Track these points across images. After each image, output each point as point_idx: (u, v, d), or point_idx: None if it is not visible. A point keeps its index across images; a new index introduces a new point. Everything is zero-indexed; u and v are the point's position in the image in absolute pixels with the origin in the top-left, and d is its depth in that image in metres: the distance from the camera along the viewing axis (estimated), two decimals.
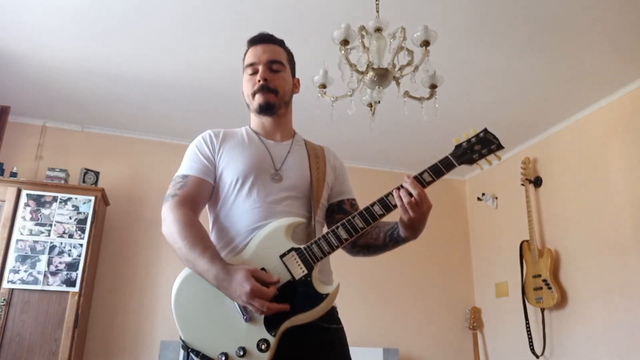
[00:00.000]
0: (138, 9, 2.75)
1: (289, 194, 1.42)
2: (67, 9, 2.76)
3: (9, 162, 3.76)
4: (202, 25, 2.87)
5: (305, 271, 1.28)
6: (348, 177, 1.63)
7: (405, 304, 4.48)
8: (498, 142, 1.42)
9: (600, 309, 3.36)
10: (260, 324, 1.25)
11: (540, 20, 2.76)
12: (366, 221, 1.32)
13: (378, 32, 2.27)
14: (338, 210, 1.54)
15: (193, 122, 3.94)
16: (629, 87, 3.33)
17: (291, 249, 1.30)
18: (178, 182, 1.44)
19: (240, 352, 1.22)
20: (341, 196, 1.56)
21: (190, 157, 1.48)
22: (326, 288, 1.29)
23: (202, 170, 1.45)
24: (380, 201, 1.33)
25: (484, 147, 1.41)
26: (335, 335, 1.39)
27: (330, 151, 1.62)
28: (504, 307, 4.24)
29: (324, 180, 1.50)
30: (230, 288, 1.22)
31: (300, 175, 1.46)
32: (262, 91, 1.49)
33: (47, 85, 3.51)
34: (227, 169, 1.44)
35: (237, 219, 1.39)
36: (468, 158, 1.40)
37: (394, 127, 3.96)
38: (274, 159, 1.47)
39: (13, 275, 3.24)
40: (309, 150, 1.55)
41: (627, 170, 3.30)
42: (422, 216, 1.32)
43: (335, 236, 1.31)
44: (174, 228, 1.33)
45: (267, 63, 1.50)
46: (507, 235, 4.26)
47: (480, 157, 1.40)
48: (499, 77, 3.31)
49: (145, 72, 3.34)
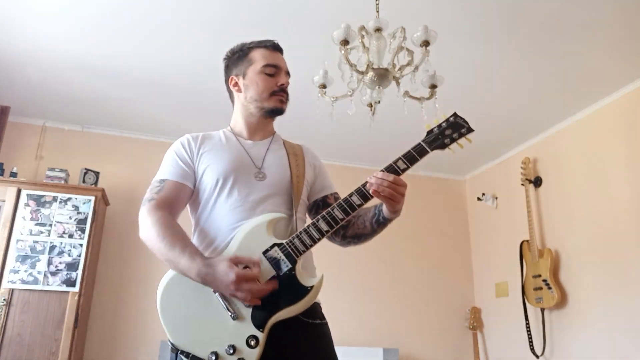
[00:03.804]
0: (138, 10, 2.75)
1: (269, 192, 1.43)
2: (68, 9, 2.75)
3: (9, 162, 3.76)
4: (203, 25, 2.87)
5: (289, 265, 1.29)
6: (328, 172, 1.66)
7: (405, 304, 4.48)
8: (468, 126, 1.42)
9: (600, 309, 3.36)
10: (247, 320, 1.26)
11: (540, 21, 2.76)
12: (345, 212, 1.34)
13: (378, 32, 2.28)
14: (323, 205, 1.56)
15: (193, 123, 3.94)
16: (629, 87, 3.33)
17: (274, 245, 1.31)
18: (156, 186, 1.45)
19: (230, 350, 1.23)
20: (324, 191, 1.59)
21: (168, 161, 1.50)
22: (310, 280, 1.31)
23: (179, 174, 1.46)
24: (357, 191, 1.35)
25: (454, 131, 1.41)
26: (320, 331, 1.40)
27: (309, 150, 1.65)
28: (504, 307, 4.24)
29: (303, 177, 1.52)
30: (216, 281, 1.23)
31: (281, 173, 1.48)
32: (282, 95, 1.53)
33: (47, 85, 3.51)
34: (207, 171, 1.45)
35: (219, 219, 1.40)
36: (440, 143, 1.40)
37: (394, 127, 3.96)
38: (253, 158, 1.49)
39: (13, 275, 3.24)
40: (287, 149, 1.57)
41: (627, 170, 3.30)
42: (402, 197, 1.35)
43: (317, 229, 1.33)
44: (152, 230, 1.34)
45: (286, 72, 1.57)
46: (507, 235, 4.26)
47: (452, 141, 1.41)
48: (499, 77, 3.31)
49: (146, 73, 3.34)
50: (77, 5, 2.73)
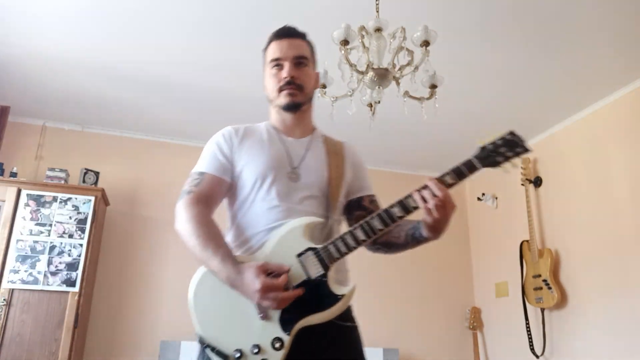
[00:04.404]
0: (138, 10, 2.75)
1: (306, 193, 1.40)
2: (68, 9, 2.76)
3: (9, 162, 3.76)
4: (202, 25, 2.87)
5: (322, 271, 1.27)
6: (367, 173, 1.60)
7: (405, 304, 4.48)
8: (524, 145, 1.34)
9: (600, 309, 3.36)
10: (275, 322, 1.25)
11: (540, 21, 2.76)
12: (384, 223, 1.30)
13: (378, 32, 2.28)
14: (357, 207, 1.52)
15: (193, 123, 3.94)
16: (629, 87, 3.33)
17: (308, 249, 1.29)
18: (195, 178, 1.43)
19: (255, 350, 1.23)
20: (360, 192, 1.54)
21: (208, 154, 1.47)
22: (342, 289, 1.28)
23: (219, 168, 1.43)
24: (399, 203, 1.30)
25: (509, 149, 1.34)
26: (351, 334, 1.38)
27: (351, 147, 1.60)
28: (504, 307, 4.24)
29: (342, 178, 1.47)
30: (243, 287, 1.23)
31: (318, 174, 1.44)
32: (288, 88, 1.45)
33: (47, 85, 3.51)
34: (247, 168, 1.43)
35: (255, 218, 1.39)
36: (492, 160, 1.34)
37: (394, 127, 3.96)
38: (292, 157, 1.45)
39: (13, 275, 3.24)
40: (327, 147, 1.52)
41: (627, 170, 3.30)
42: (446, 217, 1.30)
43: (353, 237, 1.30)
44: (187, 225, 1.33)
45: (293, 59, 1.47)
46: (507, 235, 4.26)
47: (506, 159, 1.34)
48: (499, 77, 3.31)
49: (145, 73, 3.34)
50: (77, 6, 2.73)
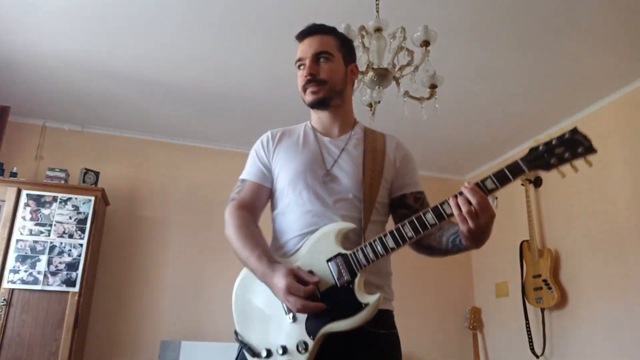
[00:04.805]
0: (138, 10, 2.75)
1: (340, 196, 1.39)
2: (68, 9, 2.76)
3: (9, 162, 3.76)
4: (202, 25, 2.87)
5: (349, 277, 1.26)
6: (414, 168, 1.53)
7: (405, 304, 4.47)
8: (589, 144, 1.13)
9: (600, 308, 3.36)
10: (302, 325, 1.26)
11: (540, 21, 2.76)
12: (416, 230, 1.24)
13: (378, 32, 2.28)
14: (401, 205, 1.47)
15: (192, 123, 3.94)
16: (629, 87, 3.33)
17: (338, 254, 1.28)
18: (238, 186, 1.50)
19: (281, 351, 1.26)
20: (403, 190, 1.48)
21: (249, 161, 1.53)
22: (367, 297, 1.24)
23: (257, 175, 1.48)
24: (434, 209, 1.23)
25: (567, 149, 1.14)
26: (383, 341, 1.34)
27: (393, 141, 1.53)
28: (504, 307, 4.24)
29: (380, 177, 1.43)
30: (272, 284, 1.26)
31: (352, 175, 1.42)
32: (309, 85, 1.45)
33: (47, 85, 3.52)
34: (281, 173, 1.45)
35: (289, 224, 1.40)
36: (544, 162, 1.16)
37: (394, 127, 3.95)
38: (327, 159, 1.45)
39: (13, 275, 3.24)
40: (366, 144, 1.49)
41: (627, 170, 3.30)
42: (483, 227, 1.19)
43: (382, 244, 1.26)
44: (230, 230, 1.40)
45: (313, 56, 1.46)
46: (507, 235, 4.26)
47: (562, 161, 1.15)
48: (499, 77, 3.31)
49: (145, 72, 3.34)
50: (77, 6, 2.73)
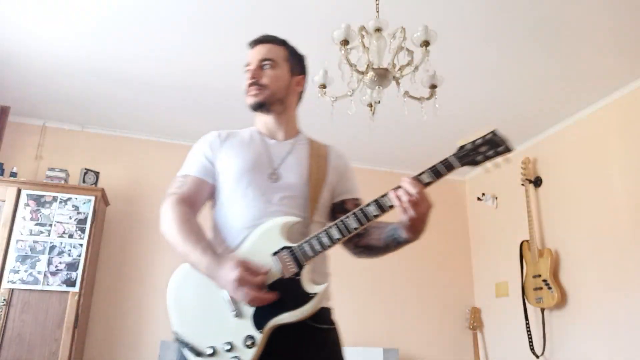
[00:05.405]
0: (138, 9, 2.75)
1: (285, 194, 1.42)
2: (68, 9, 2.76)
3: (9, 162, 3.76)
4: (201, 25, 2.87)
5: (296, 270, 1.28)
6: (354, 177, 1.61)
7: (405, 304, 4.48)
8: (506, 145, 1.32)
9: (600, 308, 3.36)
10: (248, 319, 1.26)
11: (540, 21, 2.76)
12: (359, 221, 1.30)
13: (378, 32, 2.27)
14: (340, 209, 1.52)
15: (192, 123, 3.95)
16: (629, 87, 3.33)
17: (283, 248, 1.30)
18: (178, 181, 1.48)
19: (227, 347, 1.24)
20: (343, 196, 1.55)
21: (192, 157, 1.52)
22: (314, 288, 1.28)
23: (201, 170, 1.48)
24: (375, 202, 1.31)
25: (490, 149, 1.33)
26: (326, 336, 1.38)
27: (334, 150, 1.62)
28: (504, 307, 4.24)
29: (323, 180, 1.49)
30: (219, 277, 1.25)
31: (298, 175, 1.46)
32: (250, 88, 1.50)
33: (47, 85, 3.51)
34: (226, 168, 1.46)
35: (233, 218, 1.41)
36: (471, 159, 1.33)
37: (394, 127, 3.96)
38: (273, 158, 1.48)
39: (13, 275, 3.24)
40: (311, 150, 1.55)
41: (627, 170, 3.30)
42: (422, 216, 1.29)
43: (328, 235, 1.30)
44: (170, 224, 1.37)
45: (258, 62, 1.52)
46: (507, 235, 4.26)
47: (486, 158, 1.33)
48: (499, 77, 3.31)
49: (145, 72, 3.34)
50: (77, 6, 2.73)
